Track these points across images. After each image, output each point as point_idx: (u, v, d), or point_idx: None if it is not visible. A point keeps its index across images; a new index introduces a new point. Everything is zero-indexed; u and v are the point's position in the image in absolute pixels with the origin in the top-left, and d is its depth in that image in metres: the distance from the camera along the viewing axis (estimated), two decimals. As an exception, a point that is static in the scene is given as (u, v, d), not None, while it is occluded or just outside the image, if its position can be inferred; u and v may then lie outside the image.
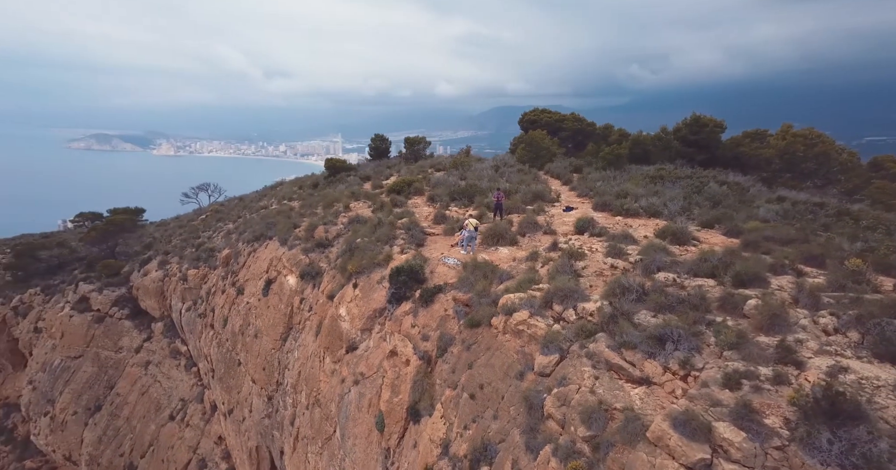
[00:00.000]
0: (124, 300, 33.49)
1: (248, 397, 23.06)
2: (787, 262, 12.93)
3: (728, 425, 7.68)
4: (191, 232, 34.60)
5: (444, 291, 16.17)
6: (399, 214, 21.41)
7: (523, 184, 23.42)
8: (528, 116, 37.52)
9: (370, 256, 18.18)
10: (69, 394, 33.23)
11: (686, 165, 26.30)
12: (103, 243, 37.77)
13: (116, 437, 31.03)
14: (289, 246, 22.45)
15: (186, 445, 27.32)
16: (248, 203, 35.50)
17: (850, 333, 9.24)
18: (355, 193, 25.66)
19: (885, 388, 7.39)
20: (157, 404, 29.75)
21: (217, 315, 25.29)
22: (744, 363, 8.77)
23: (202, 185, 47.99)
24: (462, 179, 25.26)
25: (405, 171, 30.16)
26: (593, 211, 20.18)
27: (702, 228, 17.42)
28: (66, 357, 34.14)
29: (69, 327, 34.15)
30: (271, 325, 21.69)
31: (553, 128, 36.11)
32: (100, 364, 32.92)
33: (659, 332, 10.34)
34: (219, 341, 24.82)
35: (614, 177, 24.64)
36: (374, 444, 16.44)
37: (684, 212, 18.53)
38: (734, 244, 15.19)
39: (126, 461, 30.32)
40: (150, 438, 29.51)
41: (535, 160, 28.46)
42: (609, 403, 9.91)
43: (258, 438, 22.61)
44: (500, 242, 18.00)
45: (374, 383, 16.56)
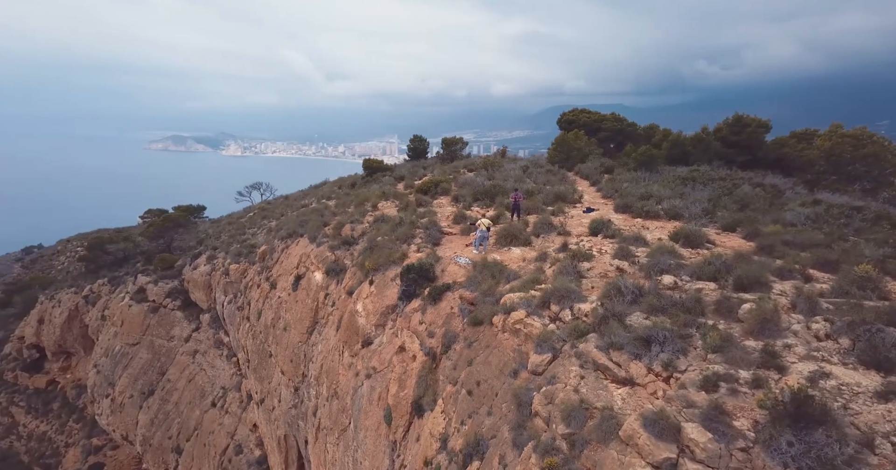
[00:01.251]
0: (176, 292, 35.82)
1: (278, 388, 24.20)
2: (798, 266, 12.42)
3: (696, 426, 7.73)
4: (238, 229, 36.53)
5: (452, 289, 16.47)
6: (421, 214, 21.86)
7: (549, 184, 23.32)
8: (566, 117, 37.10)
9: (386, 254, 18.71)
10: (126, 378, 35.87)
11: (724, 167, 25.32)
12: (160, 238, 40.58)
13: (166, 420, 33.22)
14: (317, 243, 23.41)
15: (225, 431, 28.92)
16: (292, 202, 37.06)
17: (841, 339, 9.02)
18: (386, 193, 26.35)
19: (864, 394, 7.30)
20: (202, 391, 31.63)
21: (252, 308, 26.69)
22: (725, 366, 8.70)
23: (255, 184, 50.39)
24: (489, 180, 25.42)
25: (438, 172, 30.62)
26: (614, 212, 19.87)
27: (722, 231, 16.88)
28: (125, 344, 36.89)
29: (128, 316, 36.89)
30: (299, 319, 22.67)
31: (592, 128, 35.52)
32: (154, 351, 35.37)
33: (645, 333, 10.37)
34: (253, 333, 26.19)
35: (645, 178, 24.07)
36: (383, 436, 16.93)
37: (706, 214, 17.95)
38: (749, 248, 14.69)
39: (174, 443, 32.39)
40: (194, 423, 31.41)
41: (565, 161, 28.20)
42: (590, 403, 10.07)
43: (286, 428, 23.66)
44: (514, 243, 18.08)
45: (385, 378, 17.06)
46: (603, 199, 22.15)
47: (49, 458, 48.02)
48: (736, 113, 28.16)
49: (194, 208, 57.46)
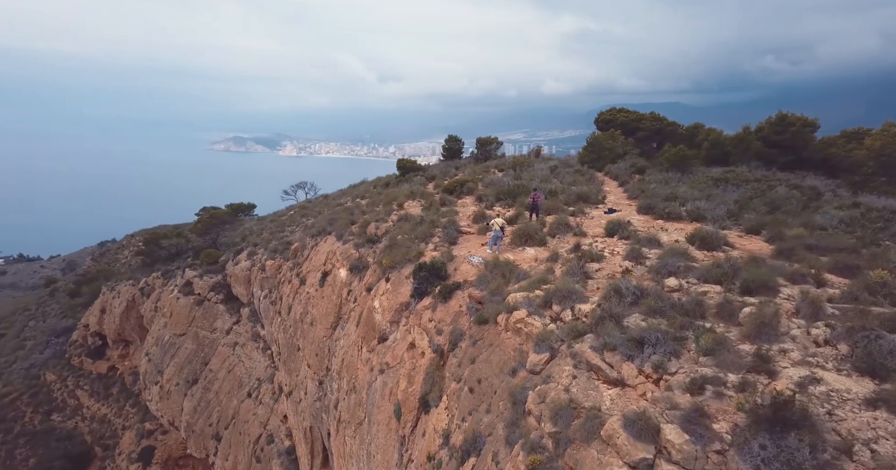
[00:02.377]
0: (220, 286, 37.59)
1: (304, 381, 25.00)
2: (813, 271, 11.85)
3: (675, 428, 7.77)
4: (278, 226, 37.90)
5: (462, 288, 16.60)
6: (443, 213, 22.08)
7: (574, 185, 23.02)
8: (603, 116, 36.33)
9: (403, 252, 19.04)
10: (173, 367, 37.96)
11: (762, 168, 24.19)
12: (207, 234, 42.68)
13: (207, 408, 34.91)
14: (343, 241, 24.05)
15: (258, 421, 30.12)
16: (330, 200, 38.13)
17: (840, 345, 8.76)
18: (413, 193, 26.74)
19: (853, 401, 7.19)
20: (240, 382, 33.06)
21: (284, 303, 27.67)
22: (715, 369, 8.59)
23: (300, 184, 51.96)
24: (516, 180, 25.34)
25: (469, 171, 30.76)
26: (637, 214, 19.43)
27: (745, 234, 16.24)
28: (173, 334, 39.04)
29: (176, 308, 39.02)
30: (324, 314, 23.36)
31: (629, 128, 34.61)
32: (198, 342, 37.25)
33: (639, 335, 10.31)
34: (284, 327, 27.16)
35: (676, 179, 23.34)
36: (393, 431, 17.24)
37: (730, 216, 17.29)
38: (767, 251, 14.10)
39: (213, 430, 34.01)
40: (232, 412, 32.87)
41: (596, 161, 27.70)
42: (579, 402, 10.15)
43: (311, 420, 24.41)
44: (529, 243, 18.01)
45: (396, 373, 17.37)
46: (628, 201, 21.67)
47: (108, 439, 51.42)
48: (779, 111, 26.76)
49: (245, 206, 60.07)
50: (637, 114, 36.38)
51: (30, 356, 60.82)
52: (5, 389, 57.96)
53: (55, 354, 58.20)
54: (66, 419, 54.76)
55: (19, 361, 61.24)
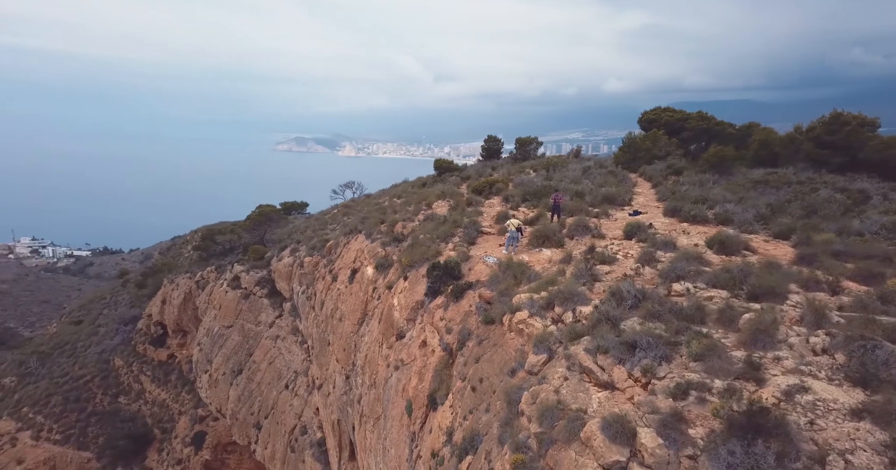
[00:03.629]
0: (265, 281, 39.20)
1: (333, 375, 25.71)
2: (830, 278, 11.16)
3: (650, 432, 7.84)
4: (321, 224, 39.09)
5: (474, 287, 16.67)
6: (468, 213, 22.16)
7: (604, 186, 22.52)
8: (647, 116, 35.17)
9: (422, 251, 19.28)
10: (221, 357, 39.94)
11: (810, 169, 22.75)
12: (255, 231, 44.65)
13: (250, 398, 36.52)
14: (372, 239, 24.58)
15: (294, 412, 31.22)
16: (372, 200, 38.94)
17: (837, 354, 8.41)
18: (444, 193, 26.95)
19: (838, 411, 7.09)
20: (279, 374, 34.37)
21: (318, 299, 28.55)
22: (702, 375, 8.52)
23: (348, 183, 53.24)
24: (548, 180, 25.06)
25: (504, 172, 30.67)
26: (663, 216, 18.80)
27: (772, 239, 15.42)
28: (222, 326, 41.08)
29: (225, 301, 41.04)
30: (352, 310, 23.97)
31: (673, 128, 33.31)
32: (244, 334, 39.01)
33: (631, 338, 10.21)
34: (317, 322, 28.02)
35: (712, 181, 22.36)
36: (405, 427, 17.51)
37: (759, 220, 16.42)
38: (787, 257, 13.38)
39: (255, 420, 35.54)
40: (271, 403, 34.23)
41: (631, 162, 26.93)
42: (566, 404, 10.23)
43: (338, 413, 25.08)
44: (546, 244, 17.83)
45: (409, 370, 17.63)
46: (657, 203, 20.98)
47: (166, 423, 54.65)
48: (834, 109, 25.04)
49: (298, 205, 62.31)
50: (683, 113, 34.98)
51: (102, 342, 65.53)
52: (80, 372, 62.63)
53: (123, 340, 62.45)
54: (130, 402, 58.62)
55: (93, 346, 66.12)
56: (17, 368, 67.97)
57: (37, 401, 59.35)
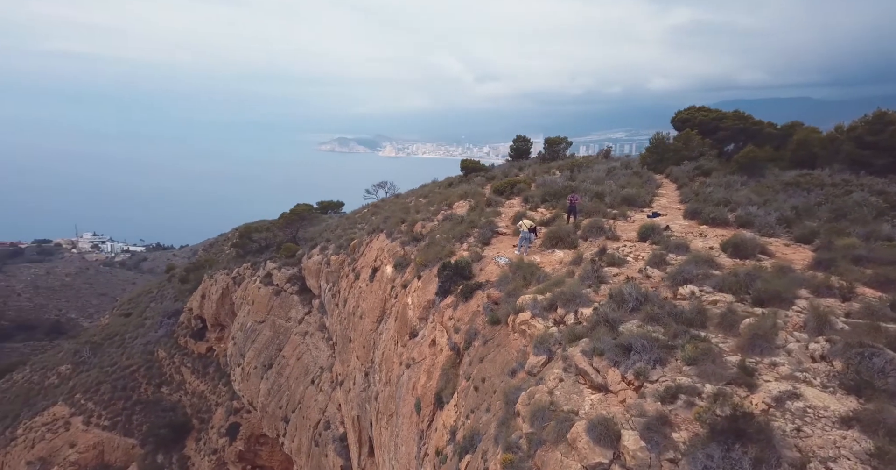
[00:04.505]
0: (295, 278, 40.18)
1: (353, 371, 26.13)
2: (844, 283, 10.67)
3: (633, 434, 7.87)
4: (350, 223, 39.78)
5: (483, 288, 16.66)
6: (486, 214, 22.13)
7: (627, 187, 22.08)
8: (680, 115, 34.17)
9: (436, 251, 19.38)
10: (253, 351, 41.17)
11: (849, 170, 21.66)
12: (288, 230, 45.85)
13: (279, 392, 37.52)
14: (392, 238, 24.85)
15: (318, 407, 31.87)
16: (400, 199, 39.31)
17: (835, 361, 8.22)
18: (466, 193, 26.98)
19: (827, 419, 7.01)
20: (306, 369, 35.17)
21: (341, 296, 29.07)
22: (694, 379, 8.44)
23: (381, 183, 53.91)
24: (570, 181, 24.77)
25: (530, 172, 30.46)
26: (683, 218, 18.30)
27: (794, 243, 14.82)
28: (254, 321, 42.35)
29: (257, 297, 42.30)
30: (371, 308, 24.31)
31: (708, 128, 32.23)
32: (275, 330, 40.11)
33: (626, 341, 10.12)
34: (340, 319, 28.54)
35: (741, 183, 21.58)
36: (414, 425, 17.66)
37: (781, 223, 15.78)
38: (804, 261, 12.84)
39: (283, 413, 36.50)
40: (298, 397, 35.06)
41: (658, 163, 26.26)
42: (559, 405, 10.27)
43: (358, 409, 25.49)
44: (559, 245, 17.64)
45: (419, 369, 17.77)
46: (680, 205, 20.42)
47: (204, 413, 56.71)
48: (878, 108, 23.73)
49: (334, 204, 63.51)
50: (718, 112, 33.82)
51: (147, 334, 68.64)
52: (127, 362, 65.74)
53: (166, 333, 65.21)
54: (172, 392, 61.14)
55: (139, 338, 69.33)
56: (73, 357, 72.05)
57: (88, 388, 62.68)
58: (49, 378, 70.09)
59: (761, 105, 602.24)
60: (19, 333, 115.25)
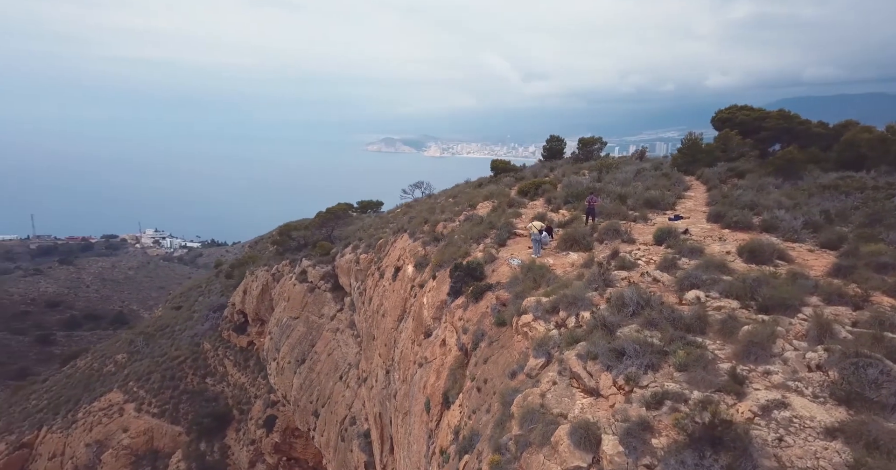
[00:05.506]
0: (329, 276, 41.03)
1: (376, 369, 26.48)
2: (858, 291, 10.10)
3: (613, 439, 7.95)
4: (383, 222, 40.28)
5: (493, 289, 16.59)
6: (508, 214, 22.00)
7: (652, 189, 21.46)
8: (721, 115, 32.81)
9: (451, 252, 19.41)
10: (287, 346, 42.33)
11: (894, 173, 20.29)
12: (323, 228, 46.93)
13: (310, 387, 38.42)
14: (414, 238, 25.04)
15: (345, 403, 32.45)
16: (432, 199, 39.48)
17: (831, 371, 7.99)
18: (492, 193, 26.87)
19: (812, 430, 6.91)
20: (336, 365, 35.87)
21: (367, 294, 29.50)
22: (683, 386, 8.39)
23: (417, 183, 54.31)
24: (597, 182, 24.30)
25: (559, 172, 30.05)
26: (706, 222, 17.62)
27: (819, 248, 14.03)
28: (289, 317, 43.54)
29: (293, 293, 43.47)
30: (393, 306, 24.58)
31: (749, 127, 30.82)
32: (308, 326, 41.10)
33: (620, 346, 10.00)
34: (366, 316, 28.97)
35: (775, 185, 20.56)
36: (424, 423, 17.77)
37: (809, 228, 14.95)
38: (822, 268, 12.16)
39: (313, 408, 37.35)
40: (328, 392, 35.80)
41: (690, 164, 25.35)
42: (549, 408, 10.30)
43: (379, 406, 25.82)
44: (574, 247, 17.36)
45: (430, 368, 17.86)
46: (706, 207, 19.66)
47: (244, 405, 58.73)
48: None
49: (373, 203, 64.55)
50: (761, 111, 32.29)
51: (194, 327, 71.73)
52: (176, 353, 68.84)
53: (212, 326, 67.92)
54: (215, 383, 63.62)
55: (187, 330, 72.54)
56: (128, 346, 76.16)
57: (140, 376, 66.00)
58: (107, 366, 74.23)
59: (829, 102, 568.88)
60: (87, 323, 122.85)
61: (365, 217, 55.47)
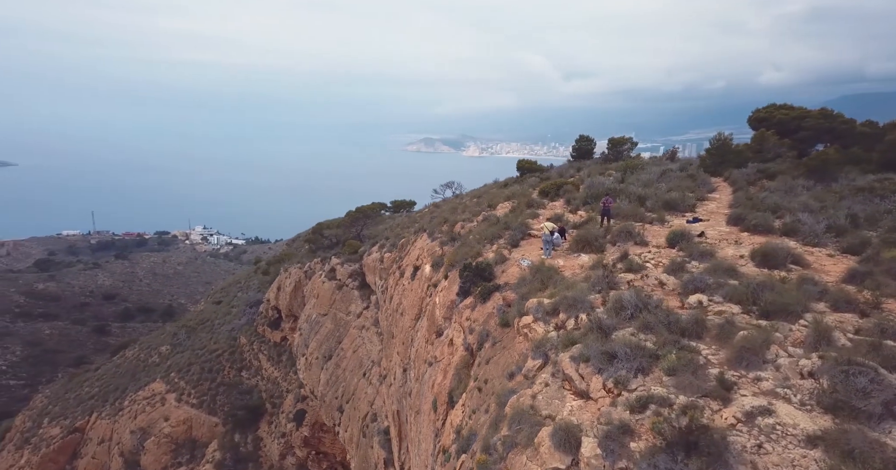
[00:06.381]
0: (356, 274, 41.59)
1: (394, 367, 26.67)
2: (869, 298, 9.59)
3: (592, 441, 8.03)
4: (410, 222, 40.50)
5: (501, 290, 16.47)
6: (525, 215, 21.80)
7: (675, 190, 20.84)
8: (758, 114, 31.51)
9: (464, 252, 19.36)
10: (315, 342, 43.15)
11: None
12: (353, 227, 47.63)
13: (336, 383, 39.05)
14: (433, 238, 25.09)
15: (367, 400, 32.84)
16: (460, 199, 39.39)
17: (822, 378, 7.84)
18: (514, 194, 26.66)
19: (793, 437, 6.83)
20: (360, 363, 36.33)
21: (388, 293, 29.75)
22: (670, 390, 8.37)
23: (448, 183, 54.37)
24: (620, 183, 23.77)
25: (585, 173, 29.52)
26: (725, 225, 16.99)
27: (839, 253, 13.33)
28: (318, 314, 44.38)
29: (322, 290, 44.29)
30: (411, 305, 24.71)
31: (788, 127, 29.48)
32: (335, 323, 41.78)
33: (611, 349, 9.88)
34: (386, 315, 29.22)
35: (807, 187, 19.59)
36: (431, 422, 17.81)
37: (832, 232, 14.20)
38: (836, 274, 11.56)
39: (338, 403, 37.95)
40: (352, 389, 36.30)
41: (719, 165, 24.43)
42: (538, 410, 10.33)
43: (397, 404, 26.00)
44: (586, 249, 17.04)
45: (438, 367, 17.88)
46: (728, 209, 18.94)
47: (276, 398, 60.23)
48: None
49: (406, 203, 65.15)
50: (801, 110, 30.80)
51: (232, 321, 74.06)
52: (215, 346, 71.24)
53: (248, 321, 69.95)
54: (250, 377, 65.49)
55: (225, 324, 74.96)
56: (171, 339, 79.25)
57: (181, 368, 68.59)
58: (152, 357, 77.44)
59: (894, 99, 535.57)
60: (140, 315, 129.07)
61: (397, 217, 55.98)
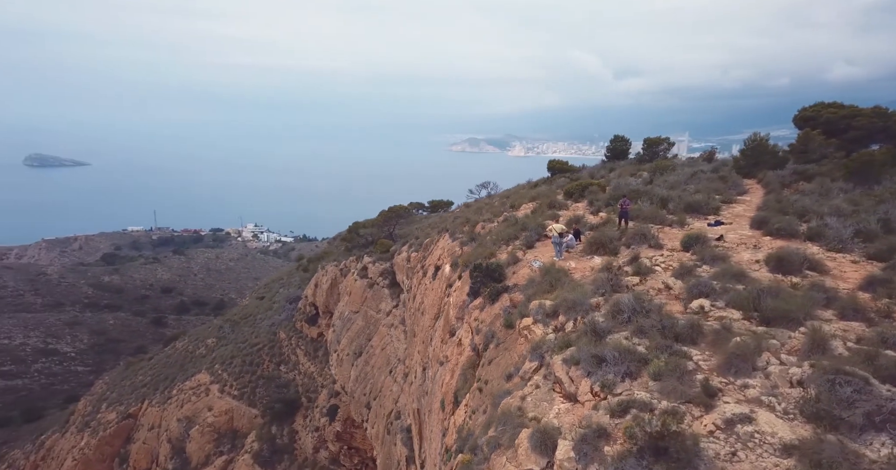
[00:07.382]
0: (387, 273, 42.05)
1: (415, 365, 26.80)
2: (881, 306, 9.02)
3: (568, 444, 8.07)
4: (441, 222, 40.63)
5: (510, 291, 16.30)
6: (545, 216, 21.50)
7: (701, 192, 20.08)
8: (804, 113, 29.91)
9: (479, 253, 19.26)
10: (346, 339, 43.87)
11: None
12: (385, 226, 48.19)
13: (365, 379, 39.60)
14: (454, 238, 25.06)
15: (392, 397, 33.12)
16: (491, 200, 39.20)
17: (810, 387, 7.63)
18: (539, 195, 26.30)
19: (770, 446, 6.75)
20: (388, 360, 36.69)
21: (412, 292, 29.91)
22: (653, 395, 8.35)
23: (484, 183, 54.17)
24: (648, 184, 23.12)
25: (616, 174, 28.88)
26: (749, 228, 16.22)
27: (865, 259, 12.52)
28: (350, 311, 45.10)
29: (354, 288, 44.98)
30: (431, 305, 24.78)
31: (837, 127, 27.83)
32: (366, 320, 42.36)
33: (600, 352, 9.76)
34: (410, 313, 29.37)
35: (845, 190, 18.46)
36: (440, 421, 17.83)
37: (860, 237, 13.32)
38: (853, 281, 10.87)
39: (366, 400, 38.47)
40: (380, 386, 36.71)
41: (753, 167, 23.30)
42: (525, 411, 10.38)
43: (417, 402, 26.11)
44: (600, 251, 16.64)
45: (447, 367, 17.87)
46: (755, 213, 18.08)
47: (311, 393, 61.64)
48: None
49: (443, 202, 65.43)
50: (851, 109, 28.99)
51: (273, 316, 76.30)
52: (256, 339, 73.56)
53: (287, 316, 71.90)
54: (288, 371, 67.27)
55: (266, 319, 77.30)
56: (217, 332, 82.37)
57: (225, 360, 71.17)
58: (199, 348, 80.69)
59: None
60: (194, 308, 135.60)
61: (433, 216, 56.25)
